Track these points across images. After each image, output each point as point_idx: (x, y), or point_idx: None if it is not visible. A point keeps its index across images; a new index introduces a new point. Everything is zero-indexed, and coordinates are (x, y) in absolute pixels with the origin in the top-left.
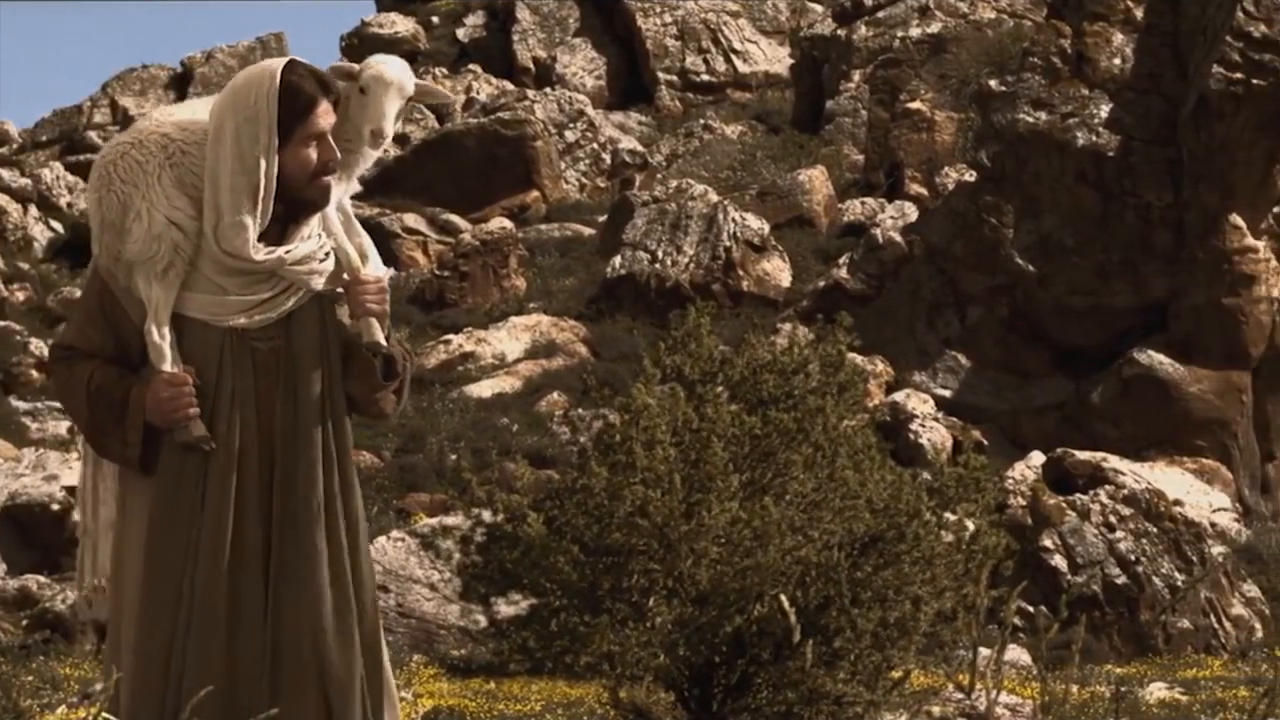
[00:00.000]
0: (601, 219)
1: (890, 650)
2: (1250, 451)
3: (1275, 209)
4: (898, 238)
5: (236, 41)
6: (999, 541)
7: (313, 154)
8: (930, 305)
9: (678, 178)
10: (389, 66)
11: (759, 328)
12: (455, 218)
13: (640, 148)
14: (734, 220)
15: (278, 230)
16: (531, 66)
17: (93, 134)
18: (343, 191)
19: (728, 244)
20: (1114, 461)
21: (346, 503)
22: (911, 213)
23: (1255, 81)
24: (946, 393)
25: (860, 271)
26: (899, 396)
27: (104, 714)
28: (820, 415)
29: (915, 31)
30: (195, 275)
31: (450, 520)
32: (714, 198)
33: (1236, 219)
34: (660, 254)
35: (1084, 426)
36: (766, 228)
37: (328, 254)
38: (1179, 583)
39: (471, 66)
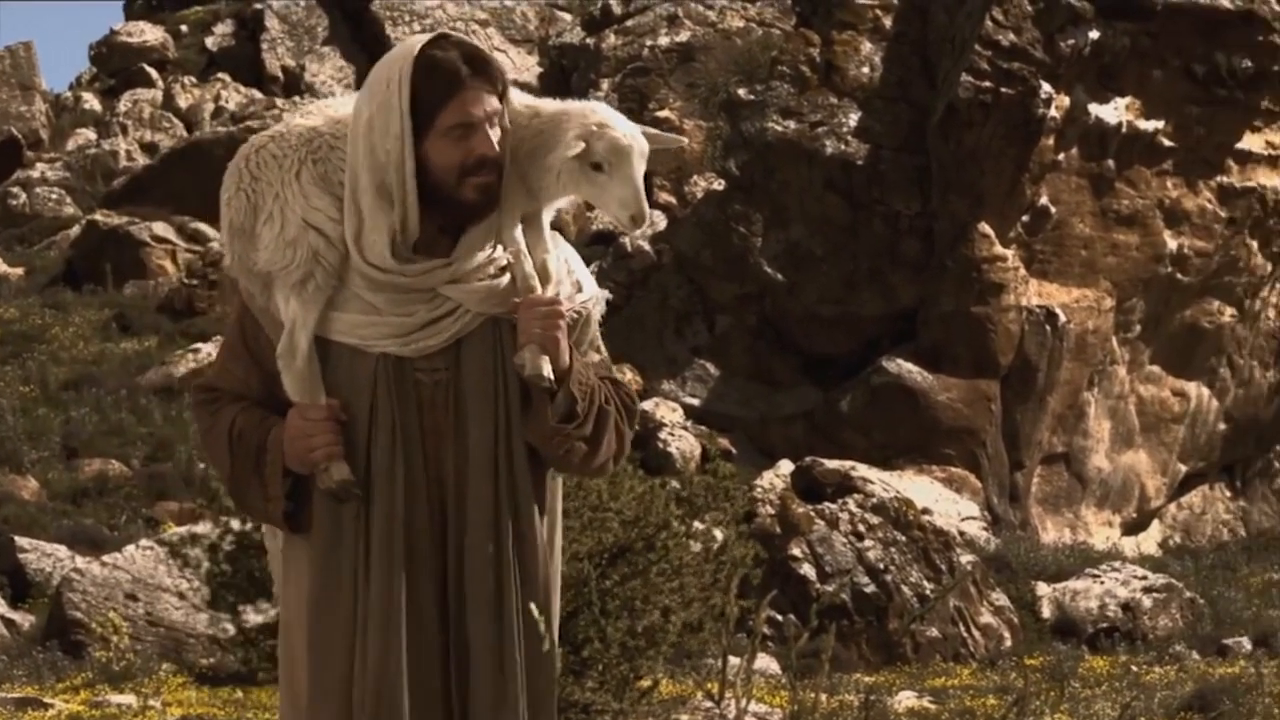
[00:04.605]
0: None
1: (639, 660)
2: (999, 460)
3: (1024, 218)
4: (646, 246)
5: None
6: (747, 552)
7: (459, 145)
8: (679, 314)
9: None
10: (618, 130)
11: None
12: (204, 226)
13: None
14: None
15: (447, 243)
16: (280, 75)
17: None
18: (534, 208)
19: None
20: (863, 470)
21: (524, 575)
22: (660, 221)
23: (1004, 90)
24: (695, 401)
25: (609, 280)
26: (648, 405)
27: None
28: None
29: (664, 40)
30: (343, 292)
31: (199, 529)
32: None
33: (985, 228)
34: None
35: (833, 435)
36: None
37: (501, 270)
38: (928, 591)
39: (220, 75)
